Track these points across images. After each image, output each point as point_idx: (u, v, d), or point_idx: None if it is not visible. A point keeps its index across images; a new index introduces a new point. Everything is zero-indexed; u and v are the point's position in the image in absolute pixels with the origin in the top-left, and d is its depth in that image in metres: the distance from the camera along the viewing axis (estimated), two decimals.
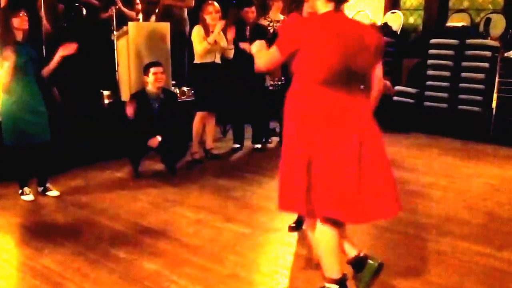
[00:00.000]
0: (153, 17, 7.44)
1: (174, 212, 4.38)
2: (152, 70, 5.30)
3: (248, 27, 6.25)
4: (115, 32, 6.54)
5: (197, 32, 5.70)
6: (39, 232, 3.97)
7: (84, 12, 7.05)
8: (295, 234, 3.95)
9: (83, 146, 5.67)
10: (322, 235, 2.84)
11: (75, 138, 5.60)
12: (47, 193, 4.70)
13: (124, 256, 3.54)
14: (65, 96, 6.04)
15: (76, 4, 6.94)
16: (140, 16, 7.41)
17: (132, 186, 5.05)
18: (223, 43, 5.77)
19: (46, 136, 4.55)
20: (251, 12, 6.23)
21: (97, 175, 5.35)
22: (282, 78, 6.66)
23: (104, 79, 6.60)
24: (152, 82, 5.29)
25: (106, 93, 6.48)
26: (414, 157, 6.37)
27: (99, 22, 6.91)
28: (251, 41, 3.85)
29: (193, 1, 7.19)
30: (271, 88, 6.71)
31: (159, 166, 5.62)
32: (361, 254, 2.98)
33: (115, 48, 6.56)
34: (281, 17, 6.60)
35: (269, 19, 6.58)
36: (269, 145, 6.81)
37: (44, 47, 5.86)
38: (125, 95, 6.50)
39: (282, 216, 4.28)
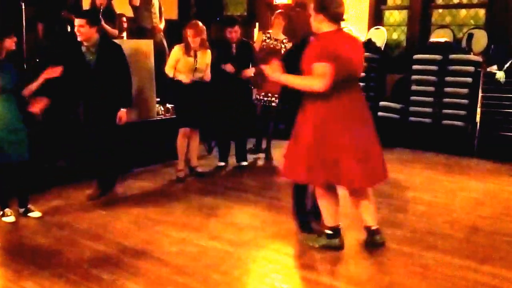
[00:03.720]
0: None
1: (157, 231, 4.33)
2: None
3: (234, 45, 6.19)
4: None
5: (174, 52, 5.70)
6: (19, 254, 3.91)
7: (69, 29, 7.05)
8: (280, 252, 3.93)
9: (64, 165, 5.61)
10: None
11: (55, 157, 5.54)
12: (29, 214, 4.63)
13: (106, 277, 3.49)
14: (47, 113, 5.98)
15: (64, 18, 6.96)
16: (124, 34, 7.42)
17: (113, 205, 4.99)
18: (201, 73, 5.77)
19: (25, 155, 4.50)
20: (234, 32, 6.11)
21: (78, 195, 5.24)
22: (269, 94, 6.68)
23: None
24: None
25: None
26: (399, 172, 6.38)
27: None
28: (261, 61, 3.97)
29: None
30: (256, 102, 6.74)
31: (141, 184, 5.58)
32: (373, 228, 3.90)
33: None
34: (282, 36, 6.66)
35: (268, 35, 6.64)
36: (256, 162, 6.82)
37: (25, 65, 5.85)
38: None
39: (267, 234, 4.28)
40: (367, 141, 3.71)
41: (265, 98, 6.72)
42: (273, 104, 6.74)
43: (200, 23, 5.70)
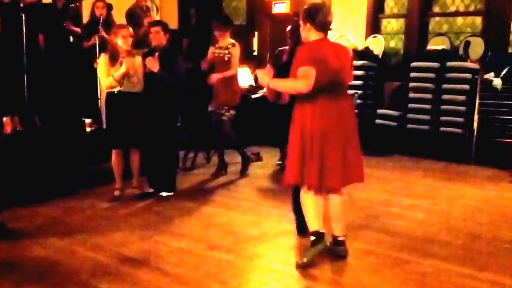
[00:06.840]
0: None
1: (156, 240, 4.33)
2: None
3: (157, 54, 5.44)
4: (98, 60, 6.55)
5: (103, 63, 5.25)
6: (18, 264, 3.89)
7: (71, 39, 7.09)
8: (279, 260, 3.93)
9: (62, 175, 5.61)
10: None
11: (54, 167, 5.55)
12: None
13: (106, 287, 3.48)
14: (47, 123, 6.01)
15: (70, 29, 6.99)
16: None
17: (112, 215, 4.99)
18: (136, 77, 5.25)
19: None
20: (155, 32, 5.46)
21: (77, 204, 5.24)
22: (221, 106, 6.47)
23: (86, 107, 6.59)
24: None
25: (87, 121, 6.47)
26: (397, 179, 6.41)
27: (82, 50, 6.93)
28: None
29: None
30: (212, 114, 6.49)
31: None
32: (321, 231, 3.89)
33: (98, 76, 6.56)
34: (231, 40, 6.42)
35: (217, 46, 6.46)
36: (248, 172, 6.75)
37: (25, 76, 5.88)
38: None
39: (266, 242, 4.28)
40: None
41: (217, 110, 6.36)
42: (223, 117, 6.32)
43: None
